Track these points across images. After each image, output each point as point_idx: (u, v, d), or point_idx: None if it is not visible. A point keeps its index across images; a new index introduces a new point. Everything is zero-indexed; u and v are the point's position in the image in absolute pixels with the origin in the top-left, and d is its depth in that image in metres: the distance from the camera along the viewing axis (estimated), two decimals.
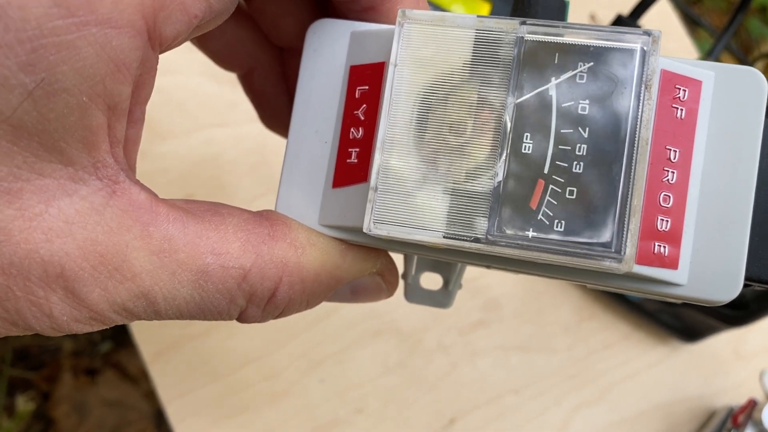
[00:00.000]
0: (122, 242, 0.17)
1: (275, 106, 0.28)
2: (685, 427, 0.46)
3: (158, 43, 0.17)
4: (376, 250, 0.22)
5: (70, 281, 0.16)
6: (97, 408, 0.89)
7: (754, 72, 0.20)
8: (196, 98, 0.46)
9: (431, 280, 0.29)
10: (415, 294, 0.29)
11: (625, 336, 0.47)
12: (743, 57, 0.52)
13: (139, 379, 0.91)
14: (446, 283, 0.29)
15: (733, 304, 0.43)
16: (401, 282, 0.28)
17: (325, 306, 0.24)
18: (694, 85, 0.19)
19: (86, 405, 0.88)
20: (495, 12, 0.43)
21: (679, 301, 0.21)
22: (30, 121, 0.15)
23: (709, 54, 0.46)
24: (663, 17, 0.55)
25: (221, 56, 0.26)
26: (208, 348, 0.42)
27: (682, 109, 0.19)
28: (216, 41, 0.25)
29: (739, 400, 0.45)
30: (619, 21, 0.42)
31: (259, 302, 0.19)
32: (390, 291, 0.24)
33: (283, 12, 0.25)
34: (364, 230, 0.20)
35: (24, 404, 0.87)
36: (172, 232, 0.18)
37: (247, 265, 0.19)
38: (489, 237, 0.19)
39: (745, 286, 0.20)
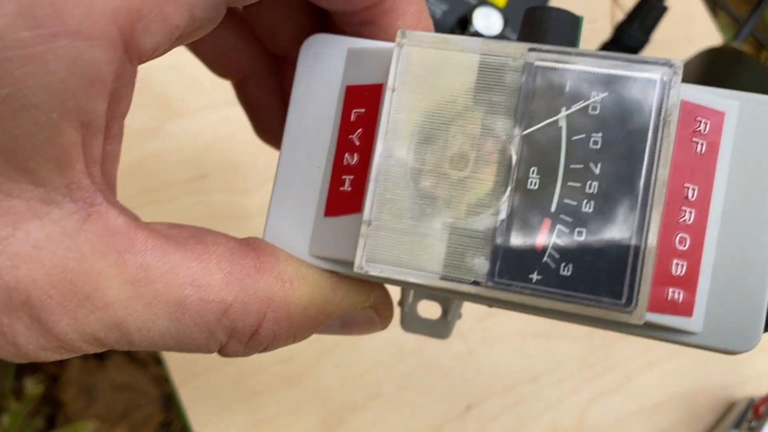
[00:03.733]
0: (95, 270, 0.16)
1: (270, 117, 0.27)
2: (705, 417, 0.45)
3: (136, 55, 0.15)
4: (370, 282, 0.21)
5: (36, 309, 0.16)
6: (105, 391, 0.88)
7: None
8: (211, 76, 0.45)
9: (430, 308, 0.27)
10: (412, 323, 0.27)
11: None
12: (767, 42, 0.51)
13: (147, 363, 0.91)
14: (445, 312, 0.27)
15: None
16: (397, 310, 0.27)
17: None
18: (717, 116, 0.18)
19: (94, 388, 0.88)
20: (510, 6, 0.42)
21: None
22: None
23: (735, 38, 0.45)
24: (687, 0, 0.54)
25: (214, 63, 0.25)
26: None
27: (702, 143, 0.18)
28: (209, 47, 0.24)
29: (760, 391, 0.45)
30: (644, 2, 0.41)
31: (240, 338, 0.18)
32: (384, 324, 0.23)
33: (280, 19, 0.23)
34: (356, 269, 0.18)
35: (32, 387, 0.87)
36: (149, 261, 0.17)
37: (229, 299, 0.18)
38: (489, 281, 0.18)
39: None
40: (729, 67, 0.41)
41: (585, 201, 0.17)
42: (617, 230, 0.17)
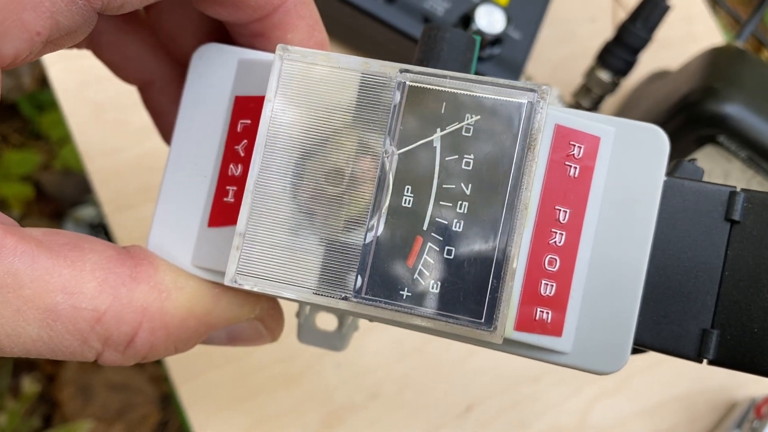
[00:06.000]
0: None
1: (173, 123, 0.27)
2: (705, 418, 0.45)
3: None
4: (256, 294, 0.21)
5: None
6: (102, 391, 0.88)
7: (656, 131, 0.18)
8: None
9: (328, 320, 0.27)
10: (308, 335, 0.27)
11: None
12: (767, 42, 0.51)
13: (144, 363, 0.90)
14: (340, 324, 0.27)
15: None
16: (295, 321, 0.27)
17: None
18: (591, 141, 0.18)
19: (91, 388, 0.88)
20: (513, 4, 0.42)
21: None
22: None
23: (736, 38, 0.44)
24: None
25: (117, 67, 0.24)
26: None
27: (576, 167, 0.18)
28: (111, 52, 0.24)
29: (761, 392, 0.44)
30: (647, 1, 0.41)
31: (116, 346, 0.18)
32: (272, 337, 0.23)
33: (180, 25, 0.23)
34: (226, 282, 0.18)
35: (29, 386, 0.87)
36: (17, 267, 0.16)
37: (102, 307, 0.17)
38: (358, 296, 0.18)
39: (636, 351, 0.19)
40: (732, 66, 0.40)
41: (455, 220, 0.18)
42: (481, 251, 0.18)
